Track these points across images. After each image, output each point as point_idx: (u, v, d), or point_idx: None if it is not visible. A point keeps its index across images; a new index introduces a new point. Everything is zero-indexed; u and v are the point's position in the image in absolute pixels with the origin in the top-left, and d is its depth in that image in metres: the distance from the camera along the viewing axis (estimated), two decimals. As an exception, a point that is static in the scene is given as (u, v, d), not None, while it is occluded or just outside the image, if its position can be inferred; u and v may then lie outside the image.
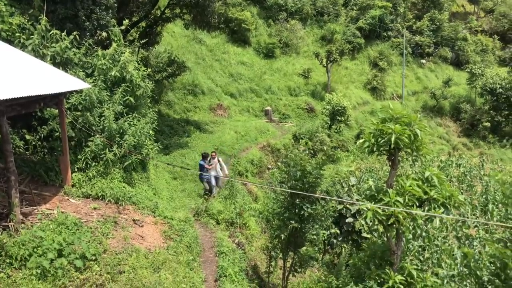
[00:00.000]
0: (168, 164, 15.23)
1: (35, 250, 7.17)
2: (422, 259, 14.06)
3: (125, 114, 12.30)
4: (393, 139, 10.29)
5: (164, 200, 12.36)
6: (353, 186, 16.28)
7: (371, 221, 12.48)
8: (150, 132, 12.79)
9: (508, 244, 5.07)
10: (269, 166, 21.92)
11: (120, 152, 11.39)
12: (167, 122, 21.79)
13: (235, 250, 10.69)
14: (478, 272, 5.69)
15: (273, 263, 10.38)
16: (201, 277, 8.77)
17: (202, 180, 14.80)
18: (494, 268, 5.27)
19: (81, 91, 11.18)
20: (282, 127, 28.23)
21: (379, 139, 10.63)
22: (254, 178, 19.35)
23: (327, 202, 10.07)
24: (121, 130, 11.80)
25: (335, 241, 14.68)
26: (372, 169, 23.60)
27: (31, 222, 8.32)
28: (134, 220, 10.08)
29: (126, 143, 11.49)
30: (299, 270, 10.16)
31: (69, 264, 7.26)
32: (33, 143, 11.06)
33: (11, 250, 6.94)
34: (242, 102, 29.91)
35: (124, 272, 7.81)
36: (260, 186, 16.95)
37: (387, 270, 10.13)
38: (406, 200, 10.06)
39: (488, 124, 36.47)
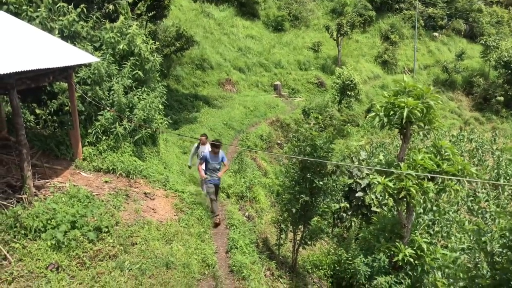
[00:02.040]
0: (179, 135, 15.18)
1: (49, 222, 7.25)
2: (432, 232, 14.08)
3: (134, 88, 12.24)
4: (405, 113, 10.15)
5: (174, 174, 12.41)
6: (363, 160, 16.20)
7: (381, 195, 12.48)
8: (160, 106, 12.73)
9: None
10: (278, 142, 21.89)
11: (130, 126, 11.41)
12: (176, 97, 21.72)
13: (245, 223, 10.78)
14: (488, 245, 5.62)
15: (283, 236, 10.45)
16: (212, 248, 8.86)
17: (205, 184, 11.15)
18: (505, 240, 5.21)
19: (89, 65, 11.12)
20: (291, 102, 28.03)
21: (391, 113, 10.50)
22: (263, 153, 19.34)
23: (338, 176, 10.03)
24: (131, 104, 11.77)
25: (344, 215, 14.74)
26: (383, 144, 23.45)
27: (44, 195, 8.41)
28: (145, 193, 10.15)
29: (136, 117, 11.48)
30: (309, 243, 10.22)
31: (83, 236, 7.34)
32: (43, 117, 11.08)
33: (26, 221, 7.03)
34: (251, 76, 29.66)
35: (136, 244, 7.90)
36: (270, 154, 16.97)
37: (397, 243, 10.16)
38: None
39: (501, 98, 35.81)
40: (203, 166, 10.58)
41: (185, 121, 18.88)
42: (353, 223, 14.35)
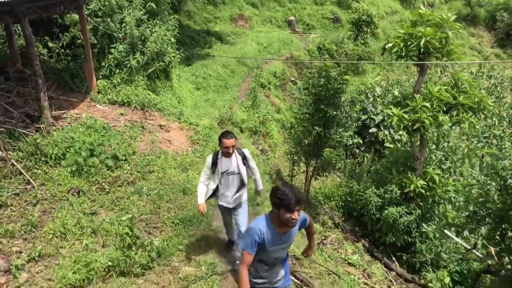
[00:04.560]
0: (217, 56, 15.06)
1: (67, 150, 7.46)
2: (443, 168, 14.16)
3: (146, 21, 12.04)
4: (422, 42, 9.86)
5: (188, 108, 12.48)
6: (378, 96, 16.01)
7: (395, 130, 12.40)
8: (172, 39, 12.56)
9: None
10: (292, 79, 21.61)
11: (143, 59, 11.35)
12: (187, 33, 21.29)
13: (258, 155, 10.94)
14: (501, 172, 5.63)
15: (296, 168, 10.61)
16: (227, 178, 9.07)
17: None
18: (520, 165, 5.19)
19: (100, -4, 10.89)
20: (306, 38, 27.28)
21: (409, 43, 10.21)
22: (277, 91, 19.20)
23: (351, 108, 9.97)
24: (143, 37, 11.64)
25: (357, 151, 14.83)
26: (399, 81, 23.02)
27: (61, 125, 8.59)
28: (160, 125, 10.29)
29: (149, 50, 11.39)
30: (321, 174, 10.39)
31: (101, 163, 7.57)
32: (56, 50, 11.05)
33: (46, 149, 7.24)
34: (264, 12, 28.73)
35: (153, 172, 8.15)
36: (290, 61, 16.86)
37: (409, 175, 10.28)
38: (434, 105, 9.90)
39: (524, 34, 34.44)
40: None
41: (197, 57, 18.64)
42: (365, 159, 14.47)
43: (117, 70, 11.06)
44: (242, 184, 5.60)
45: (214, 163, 5.41)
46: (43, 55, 11.04)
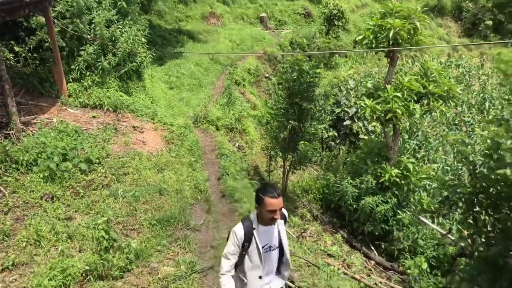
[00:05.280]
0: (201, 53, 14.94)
1: (39, 155, 7.29)
2: (418, 157, 14.48)
3: (115, 22, 11.87)
4: (391, 34, 10.05)
5: (162, 108, 12.37)
6: (351, 89, 16.22)
7: (368, 122, 12.58)
8: (143, 39, 12.42)
9: (502, 122, 5.10)
10: (266, 75, 21.66)
11: (115, 60, 11.20)
12: (159, 33, 21.08)
13: (235, 152, 10.94)
14: (470, 157, 5.78)
15: (273, 163, 10.66)
16: (204, 176, 9.06)
17: None
18: (487, 150, 5.36)
19: (66, -3, 10.67)
20: (278, 34, 27.38)
21: (378, 35, 10.38)
22: (251, 87, 19.22)
23: (325, 101, 10.08)
24: (113, 38, 11.47)
25: (333, 143, 15.01)
26: (371, 74, 23.36)
27: (31, 131, 8.38)
28: (134, 126, 10.17)
29: (120, 51, 11.24)
30: (298, 167, 10.46)
31: (74, 167, 7.44)
32: (23, 54, 10.75)
33: (16, 155, 7.06)
34: (236, 9, 28.71)
35: (128, 174, 8.06)
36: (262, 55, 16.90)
37: (383, 165, 10.45)
38: (405, 95, 10.09)
39: (490, 22, 35.32)
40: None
41: (170, 57, 18.47)
42: (341, 151, 14.66)
43: (88, 73, 10.87)
44: (282, 263, 3.87)
45: (248, 238, 3.55)
46: (9, 60, 10.74)
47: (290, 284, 6.10)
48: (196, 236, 6.80)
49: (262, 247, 3.60)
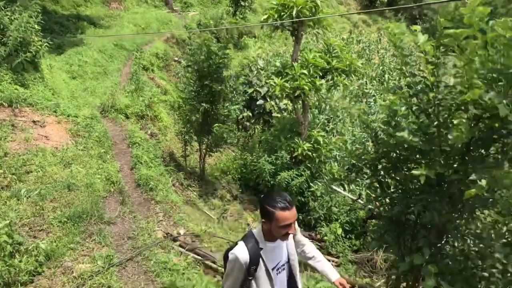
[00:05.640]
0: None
1: None
2: (327, 130, 15.22)
3: (2, 8, 10.79)
4: (294, 12, 10.34)
5: (65, 99, 11.56)
6: (261, 69, 16.47)
7: (280, 95, 12.88)
8: (36, 27, 11.43)
9: (397, 91, 5.47)
10: (176, 58, 21.18)
11: (6, 50, 10.21)
12: (55, 19, 19.53)
13: (148, 140, 10.62)
14: (371, 125, 6.15)
15: (188, 147, 10.53)
16: (115, 167, 8.68)
17: None
18: (385, 117, 5.73)
19: None
20: (185, 16, 26.77)
21: (282, 14, 10.62)
22: (161, 72, 18.68)
23: (236, 81, 10.12)
24: (2, 26, 10.43)
25: (248, 123, 15.20)
26: (279, 53, 23.84)
27: None
28: (34, 121, 9.40)
29: (10, 40, 10.26)
30: (214, 150, 10.46)
31: (-34, 170, 6.74)
32: None
33: None
34: (139, -9, 27.49)
35: (31, 172, 7.46)
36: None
37: (296, 140, 10.84)
38: (311, 72, 10.49)
39: None
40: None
41: (70, 45, 17.25)
42: (256, 130, 14.92)
43: (-26, 66, 9.81)
44: (293, 282, 3.13)
45: (255, 262, 2.85)
46: None
47: (222, 269, 6.13)
48: (112, 229, 6.53)
49: (273, 269, 2.95)
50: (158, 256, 6.01)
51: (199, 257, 6.23)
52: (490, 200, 4.72)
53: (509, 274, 4.68)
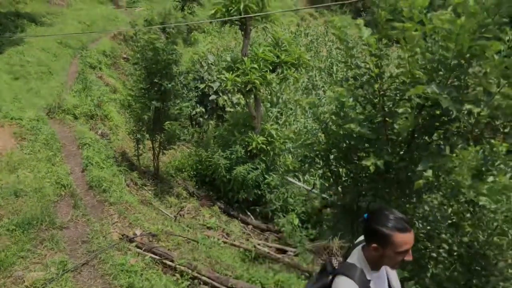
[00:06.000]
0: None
1: None
2: (280, 122, 15.45)
3: None
4: (242, 6, 10.38)
5: (7, 101, 11.02)
6: (212, 64, 16.38)
7: (232, 90, 12.91)
8: (-30, 26, 10.82)
9: (343, 83, 5.68)
10: (124, 56, 20.67)
11: None
12: (-9, 17, 18.53)
13: (99, 140, 10.34)
14: (321, 116, 6.36)
15: (141, 146, 10.36)
16: (66, 169, 8.39)
17: None
18: (334, 108, 5.93)
19: None
20: (131, 12, 26.15)
21: (230, 8, 10.63)
22: (109, 70, 18.18)
23: (185, 77, 10.04)
24: None
25: (201, 119, 15.13)
26: (229, 47, 23.82)
27: None
28: (-27, 126, 8.94)
29: None
30: (168, 147, 10.36)
31: None
32: None
33: None
34: (82, -12, 26.50)
35: (-27, 180, 7.10)
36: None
37: (250, 134, 10.93)
38: (261, 66, 10.59)
39: (331, -7, 38.58)
40: None
41: (9, 44, 16.40)
42: (210, 125, 14.88)
43: None
44: None
45: None
46: None
47: (181, 267, 6.10)
48: (65, 234, 6.34)
49: None
50: (114, 258, 5.90)
51: (157, 257, 6.19)
52: (435, 184, 5.01)
53: (454, 253, 4.99)
